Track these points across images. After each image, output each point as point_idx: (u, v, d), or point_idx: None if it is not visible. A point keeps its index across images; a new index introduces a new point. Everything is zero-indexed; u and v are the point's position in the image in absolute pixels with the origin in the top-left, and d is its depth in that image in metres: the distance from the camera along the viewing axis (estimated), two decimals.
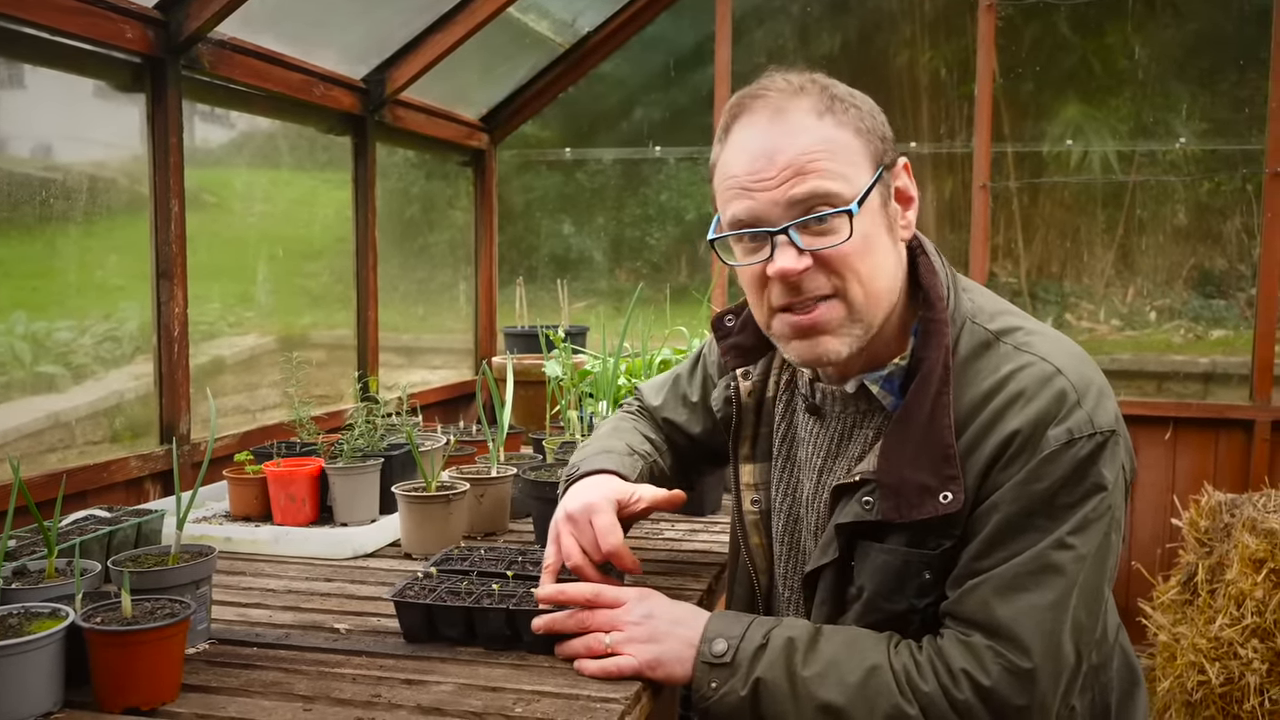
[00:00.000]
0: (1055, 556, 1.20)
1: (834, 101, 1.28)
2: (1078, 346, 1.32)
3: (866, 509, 1.29)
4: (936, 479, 1.24)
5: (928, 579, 1.27)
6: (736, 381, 1.53)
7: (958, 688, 1.20)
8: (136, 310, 2.51)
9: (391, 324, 3.71)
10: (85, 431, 2.38)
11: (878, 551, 1.29)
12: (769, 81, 1.31)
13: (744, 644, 1.28)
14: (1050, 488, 1.21)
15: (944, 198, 4.18)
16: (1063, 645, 1.20)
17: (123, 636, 1.20)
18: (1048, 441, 1.21)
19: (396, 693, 1.26)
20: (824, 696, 1.23)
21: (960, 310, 1.33)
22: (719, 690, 1.27)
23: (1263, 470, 3.74)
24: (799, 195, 1.24)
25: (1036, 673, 1.19)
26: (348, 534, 1.91)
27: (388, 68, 3.42)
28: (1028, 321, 1.34)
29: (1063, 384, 1.24)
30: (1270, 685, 2.97)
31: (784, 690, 1.24)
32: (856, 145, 1.27)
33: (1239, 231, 3.93)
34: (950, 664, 1.21)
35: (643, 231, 4.48)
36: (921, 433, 1.26)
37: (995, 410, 1.25)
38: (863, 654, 1.25)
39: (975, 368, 1.29)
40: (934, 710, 1.20)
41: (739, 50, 4.22)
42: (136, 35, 2.39)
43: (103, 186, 2.42)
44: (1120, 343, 4.07)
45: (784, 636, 1.28)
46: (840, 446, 1.41)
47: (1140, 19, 3.93)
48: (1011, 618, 1.20)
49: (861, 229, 1.25)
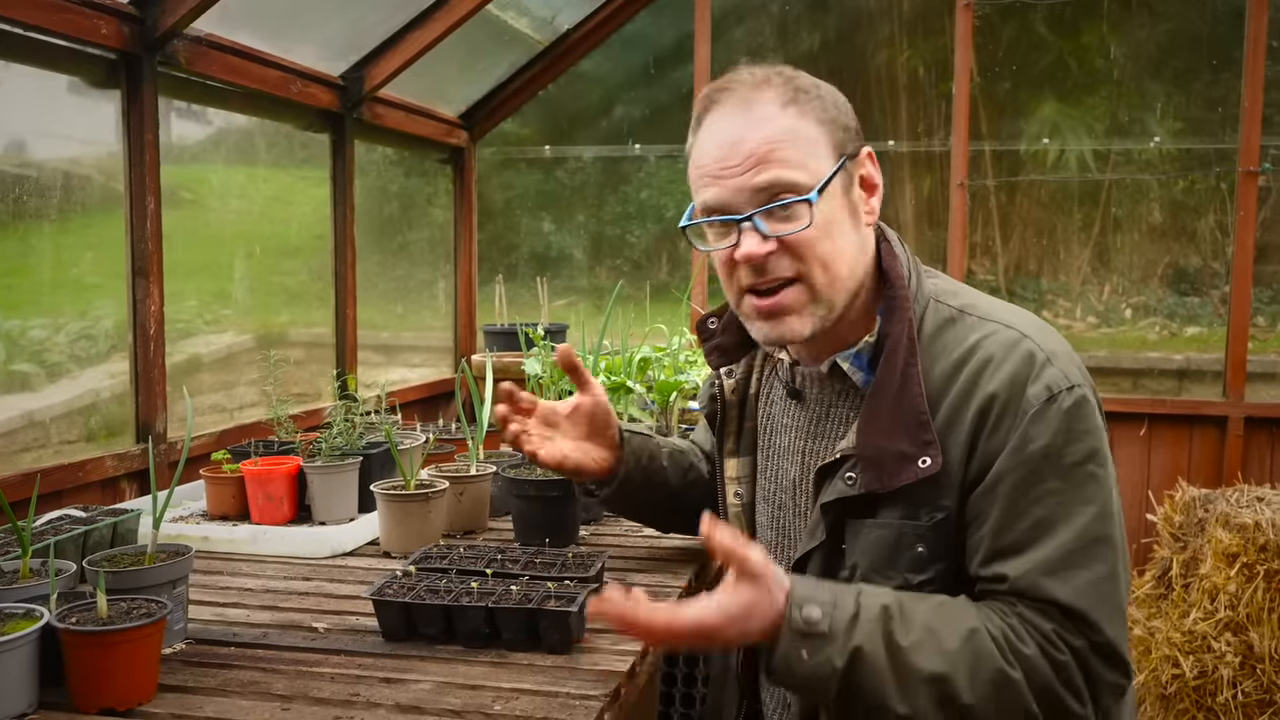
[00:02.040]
0: (1095, 528, 1.23)
1: (798, 93, 1.33)
2: (1036, 317, 1.37)
3: (849, 484, 1.32)
4: (914, 446, 1.27)
5: (920, 552, 1.28)
6: (720, 380, 1.57)
7: (1058, 650, 1.21)
8: (112, 308, 2.49)
9: (370, 322, 3.69)
10: (60, 430, 2.36)
11: (870, 527, 1.31)
12: (736, 74, 1.36)
13: (838, 611, 1.19)
14: (1048, 446, 1.24)
15: (922, 196, 4.20)
16: (1123, 608, 1.24)
17: (98, 637, 1.19)
18: (1029, 401, 1.25)
19: (375, 691, 1.26)
20: (928, 667, 1.18)
21: (923, 291, 1.38)
22: (812, 661, 1.18)
23: (1236, 466, 3.78)
24: (762, 183, 1.29)
25: (1113, 643, 1.22)
26: (326, 533, 1.91)
27: (366, 64, 3.41)
28: (986, 298, 1.40)
29: (1030, 345, 1.29)
30: (1243, 678, 3.01)
31: (883, 661, 1.18)
32: (818, 135, 1.32)
33: (1213, 229, 3.97)
34: (1040, 628, 1.21)
35: (623, 229, 4.48)
36: (894, 403, 1.29)
37: (969, 378, 1.29)
38: (956, 618, 1.22)
39: (942, 341, 1.33)
40: (1037, 673, 1.20)
41: (718, 48, 4.22)
42: (111, 31, 2.37)
43: (78, 183, 2.40)
44: (1096, 340, 4.11)
45: (877, 604, 1.21)
46: (820, 427, 1.44)
47: (1116, 19, 3.97)
48: (1071, 597, 1.21)
49: (822, 215, 1.30)
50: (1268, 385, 3.91)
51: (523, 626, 1.38)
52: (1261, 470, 3.80)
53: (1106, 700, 1.24)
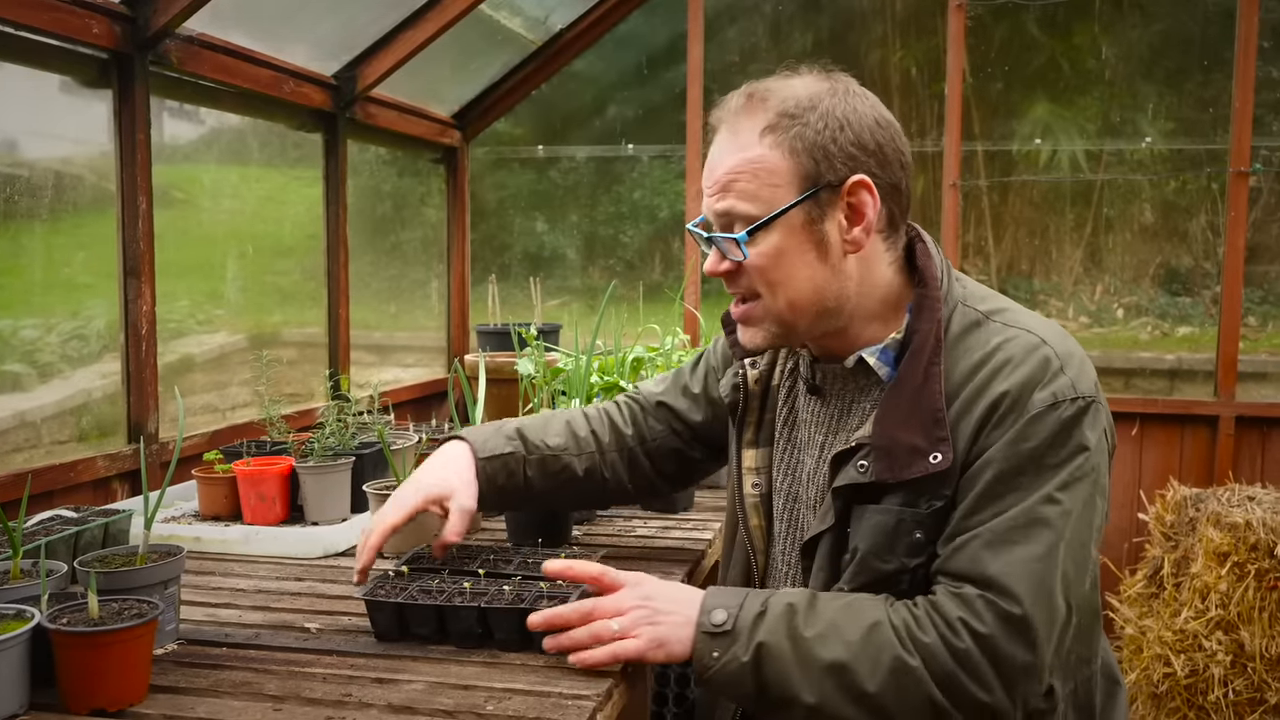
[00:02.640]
0: (1043, 511, 1.26)
1: (781, 118, 1.35)
2: (1060, 326, 1.42)
3: (861, 472, 1.35)
4: (927, 441, 1.31)
5: (918, 538, 1.32)
6: (744, 370, 1.61)
7: (957, 636, 1.24)
8: (104, 308, 2.48)
9: (363, 321, 3.69)
10: (51, 431, 2.36)
11: (872, 512, 1.35)
12: (749, 86, 1.41)
13: (743, 612, 1.31)
14: (1037, 448, 1.28)
15: (915, 196, 4.18)
16: (1054, 595, 1.25)
17: (89, 637, 1.19)
18: (1033, 404, 1.29)
19: (367, 692, 1.26)
20: (828, 656, 1.26)
21: (953, 294, 1.42)
22: (721, 659, 1.30)
23: (1227, 465, 3.79)
24: (720, 210, 1.39)
25: (1030, 619, 1.23)
26: (319, 533, 1.90)
27: (359, 64, 3.40)
28: (1013, 305, 1.44)
29: (1047, 352, 1.33)
30: (1234, 677, 3.02)
31: (786, 653, 1.27)
32: (784, 167, 1.35)
33: (1204, 230, 3.98)
34: (947, 615, 1.25)
35: (616, 229, 4.48)
36: (913, 398, 1.33)
37: (985, 376, 1.32)
38: (861, 613, 1.29)
39: (966, 343, 1.37)
40: (936, 660, 1.24)
41: (711, 48, 4.22)
42: (103, 30, 2.36)
43: (69, 183, 2.40)
44: (1088, 339, 4.12)
45: (783, 603, 1.32)
46: (840, 421, 1.47)
47: (1108, 20, 3.98)
48: (1002, 569, 1.25)
49: (771, 246, 1.36)
50: (1259, 385, 3.92)
51: (515, 626, 1.38)
52: (1253, 469, 3.82)
53: (1024, 686, 1.24)
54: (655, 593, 1.39)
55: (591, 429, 1.76)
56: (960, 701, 1.23)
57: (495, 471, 1.66)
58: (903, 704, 1.24)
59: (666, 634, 1.33)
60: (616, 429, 1.78)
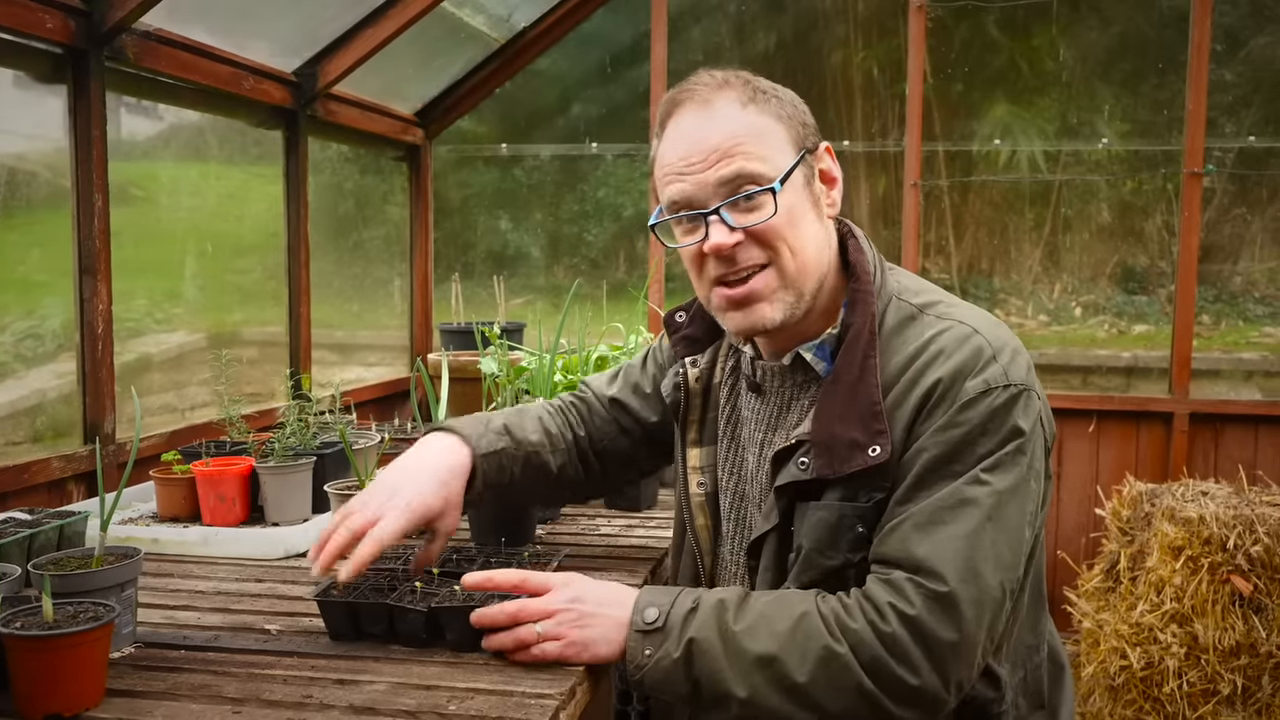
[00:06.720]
0: (969, 491, 1.27)
1: (756, 93, 1.39)
2: (994, 317, 1.42)
3: (802, 469, 1.36)
4: (865, 434, 1.32)
5: (860, 532, 1.33)
6: (685, 369, 1.60)
7: (885, 621, 1.25)
8: (59, 307, 2.44)
9: (325, 320, 3.66)
10: (5, 432, 2.32)
11: (814, 509, 1.35)
12: (697, 78, 1.43)
13: (674, 609, 1.32)
14: (968, 434, 1.29)
15: (876, 195, 4.24)
16: (981, 573, 1.25)
17: (43, 641, 1.17)
18: (965, 391, 1.30)
19: (328, 693, 1.25)
20: (757, 648, 1.27)
21: (886, 288, 1.43)
22: (653, 656, 1.30)
23: (1181, 461, 3.86)
24: (726, 176, 1.35)
25: (955, 596, 1.23)
26: (279, 534, 1.89)
27: (320, 61, 3.37)
28: (948, 297, 1.45)
29: (979, 341, 1.34)
30: (1188, 669, 3.07)
31: (717, 647, 1.28)
32: (778, 130, 1.38)
33: (1160, 229, 4.05)
34: (875, 601, 1.26)
35: (580, 228, 4.47)
36: (850, 392, 1.34)
37: (919, 367, 1.34)
38: (791, 605, 1.30)
39: (902, 337, 1.38)
40: (863, 646, 1.24)
41: (675, 47, 4.23)
42: (57, 25, 2.32)
43: (23, 179, 2.36)
44: (1047, 337, 4.18)
45: (714, 599, 1.32)
46: (779, 419, 1.48)
47: (1066, 22, 4.03)
48: (929, 551, 1.26)
49: (786, 204, 1.36)
50: (1212, 382, 4.00)
51: (465, 626, 1.36)
52: (1206, 465, 3.89)
53: (953, 666, 1.23)
54: (584, 594, 1.37)
55: (558, 425, 1.74)
56: (889, 687, 1.23)
57: (490, 469, 1.62)
58: (833, 693, 1.24)
59: (592, 636, 1.33)
60: (573, 428, 1.76)
